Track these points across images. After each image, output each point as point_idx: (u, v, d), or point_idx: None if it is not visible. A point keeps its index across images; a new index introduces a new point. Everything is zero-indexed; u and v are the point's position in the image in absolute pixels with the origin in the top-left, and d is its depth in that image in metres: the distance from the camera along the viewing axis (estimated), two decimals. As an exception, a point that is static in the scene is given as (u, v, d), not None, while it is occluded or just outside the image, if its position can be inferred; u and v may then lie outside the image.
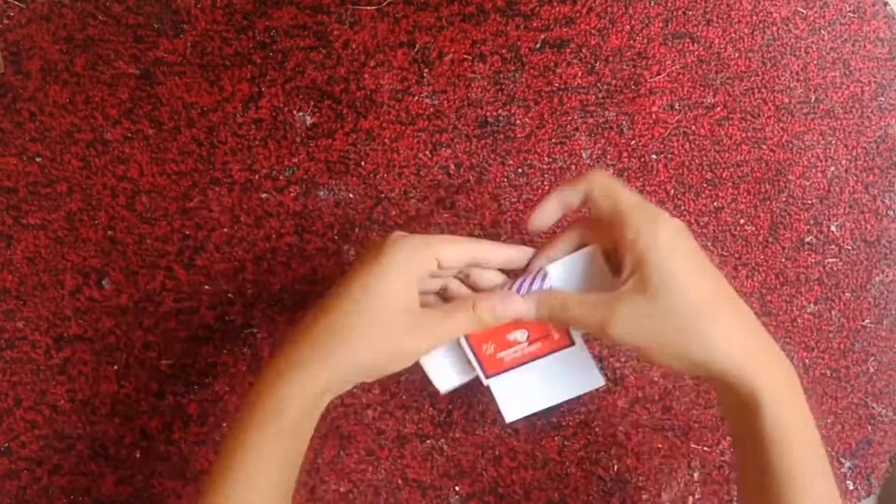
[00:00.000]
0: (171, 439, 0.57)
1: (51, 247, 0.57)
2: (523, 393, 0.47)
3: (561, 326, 0.44)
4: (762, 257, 0.63)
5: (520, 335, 0.45)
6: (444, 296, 0.46)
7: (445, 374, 0.47)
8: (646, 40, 0.62)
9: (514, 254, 0.45)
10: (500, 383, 0.46)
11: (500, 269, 0.46)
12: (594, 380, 0.46)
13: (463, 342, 0.45)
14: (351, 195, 0.59)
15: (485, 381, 0.46)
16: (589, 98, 0.61)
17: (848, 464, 0.65)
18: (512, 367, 0.45)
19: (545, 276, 0.44)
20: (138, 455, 0.57)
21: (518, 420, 0.48)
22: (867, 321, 0.65)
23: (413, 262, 0.41)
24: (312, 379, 0.40)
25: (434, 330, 0.41)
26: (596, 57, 0.61)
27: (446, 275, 0.45)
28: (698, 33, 0.62)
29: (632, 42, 0.61)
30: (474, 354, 0.45)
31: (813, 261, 0.64)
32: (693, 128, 0.62)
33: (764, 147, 0.63)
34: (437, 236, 0.43)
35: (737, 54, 0.63)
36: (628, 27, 0.61)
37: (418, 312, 0.41)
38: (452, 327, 0.42)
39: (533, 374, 0.46)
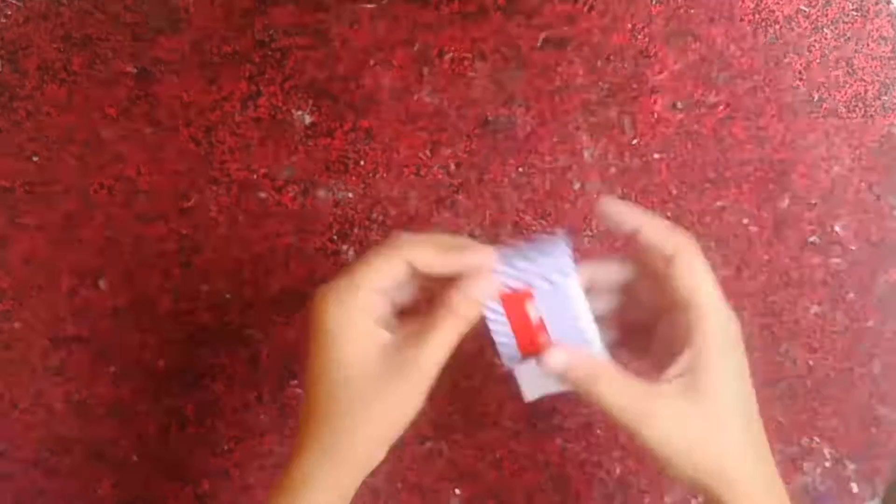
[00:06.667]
0: (168, 441, 0.57)
1: (47, 247, 0.56)
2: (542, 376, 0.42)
3: (582, 395, 0.37)
4: (766, 258, 0.63)
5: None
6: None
7: (534, 383, 0.43)
8: (647, 39, 0.61)
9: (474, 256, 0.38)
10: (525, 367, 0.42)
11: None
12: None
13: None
14: (350, 195, 0.59)
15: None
16: (590, 97, 0.61)
17: (852, 466, 0.64)
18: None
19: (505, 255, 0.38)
20: (135, 457, 0.57)
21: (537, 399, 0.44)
22: (872, 322, 0.65)
23: (347, 305, 0.36)
24: (325, 488, 0.36)
25: (418, 358, 0.35)
26: (597, 55, 0.61)
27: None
28: (700, 32, 0.62)
29: (634, 40, 0.61)
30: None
31: (817, 261, 0.64)
32: (696, 127, 0.62)
33: (767, 146, 0.63)
34: (360, 267, 0.37)
35: (739, 53, 0.62)
36: (630, 25, 0.61)
37: (392, 349, 0.36)
38: (438, 341, 0.36)
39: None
